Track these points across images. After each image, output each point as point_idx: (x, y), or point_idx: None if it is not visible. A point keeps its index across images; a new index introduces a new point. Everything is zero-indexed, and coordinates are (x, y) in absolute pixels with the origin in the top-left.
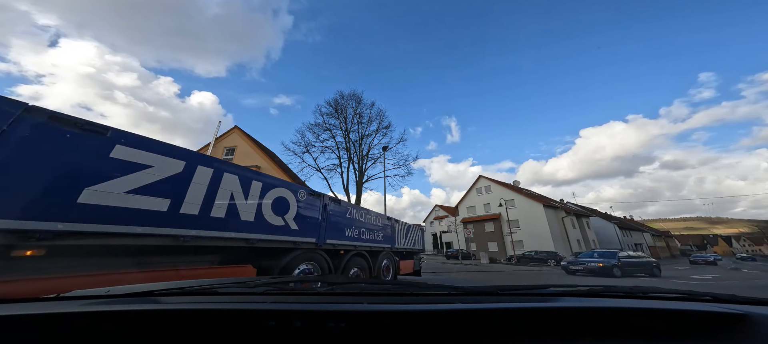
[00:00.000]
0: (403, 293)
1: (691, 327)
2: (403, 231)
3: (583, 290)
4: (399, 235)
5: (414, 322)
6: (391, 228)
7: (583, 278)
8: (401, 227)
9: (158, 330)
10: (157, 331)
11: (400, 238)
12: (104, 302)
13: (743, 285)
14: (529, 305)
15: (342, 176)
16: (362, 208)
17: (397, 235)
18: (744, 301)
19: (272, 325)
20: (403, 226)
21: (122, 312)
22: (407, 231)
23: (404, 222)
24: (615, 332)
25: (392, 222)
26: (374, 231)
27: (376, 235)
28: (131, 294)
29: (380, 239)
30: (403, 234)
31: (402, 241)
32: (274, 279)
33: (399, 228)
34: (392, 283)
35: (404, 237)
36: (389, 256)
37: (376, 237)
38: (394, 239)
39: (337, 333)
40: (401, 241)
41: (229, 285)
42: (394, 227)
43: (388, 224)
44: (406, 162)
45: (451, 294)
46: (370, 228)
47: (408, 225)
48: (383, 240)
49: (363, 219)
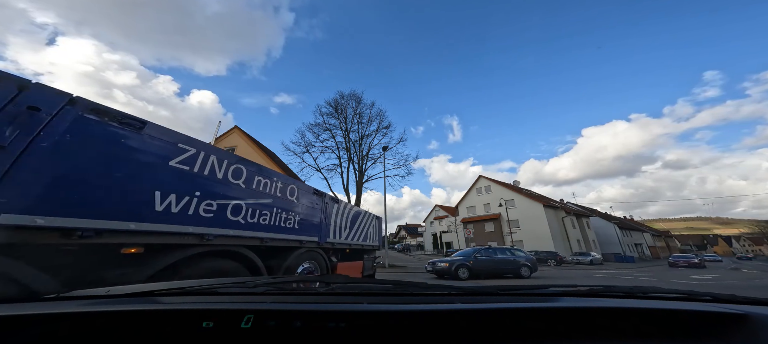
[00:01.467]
0: (403, 293)
1: (692, 327)
2: (344, 219)
3: (583, 290)
4: (337, 224)
5: (414, 322)
6: (323, 211)
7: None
8: (343, 212)
9: (158, 330)
10: (157, 331)
11: (340, 228)
12: (104, 302)
13: (743, 285)
14: (529, 305)
15: (342, 176)
16: (249, 165)
17: (334, 224)
18: (744, 301)
19: (272, 325)
20: (346, 211)
21: (122, 312)
22: (353, 220)
23: (349, 205)
24: (615, 332)
25: (324, 203)
26: (282, 213)
27: (285, 218)
28: (131, 294)
29: (292, 227)
30: (346, 224)
31: (343, 233)
32: (274, 279)
33: (338, 213)
34: (393, 283)
35: (347, 228)
36: (315, 255)
37: (284, 223)
38: (327, 229)
39: (337, 333)
40: (341, 233)
41: (229, 285)
42: (328, 211)
43: (317, 205)
44: (406, 162)
45: (451, 294)
46: (271, 206)
47: (356, 210)
48: (301, 230)
49: (252, 186)
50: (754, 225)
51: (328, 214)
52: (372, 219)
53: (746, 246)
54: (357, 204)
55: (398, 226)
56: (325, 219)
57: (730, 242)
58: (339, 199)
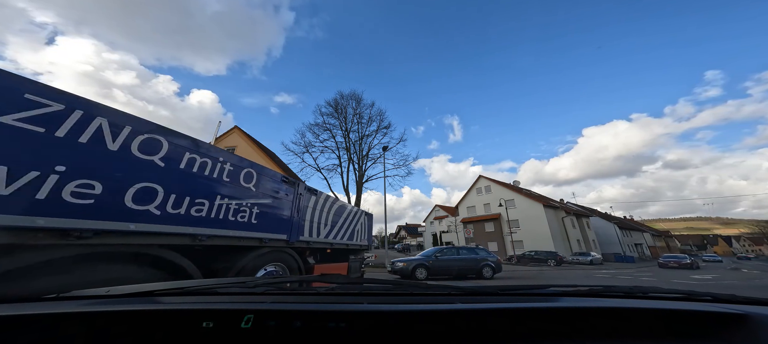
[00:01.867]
0: (403, 293)
1: (691, 327)
2: (325, 214)
3: (583, 290)
4: (315, 220)
5: (414, 322)
6: (295, 204)
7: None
8: (323, 206)
9: (158, 330)
10: (158, 331)
11: (319, 225)
12: (104, 302)
13: (743, 285)
14: (529, 305)
15: (342, 176)
16: (177, 138)
17: (311, 219)
18: (744, 301)
19: (272, 325)
20: (328, 205)
21: (122, 312)
22: (337, 215)
23: (332, 198)
24: (615, 332)
25: (297, 194)
26: (232, 203)
27: (236, 211)
28: (131, 294)
29: (247, 221)
30: (327, 220)
31: (323, 230)
32: (274, 279)
33: (317, 207)
34: (393, 283)
35: (328, 225)
36: (283, 256)
37: (235, 216)
38: (299, 225)
39: (337, 333)
40: (321, 230)
41: (229, 285)
42: (303, 204)
43: (287, 196)
44: (406, 162)
45: (451, 294)
46: (212, 193)
47: (340, 204)
48: (261, 225)
49: (179, 165)
50: (754, 225)
51: (303, 208)
52: (361, 215)
53: (746, 246)
54: (357, 204)
55: (398, 226)
56: (298, 213)
57: (730, 242)
58: (318, 191)
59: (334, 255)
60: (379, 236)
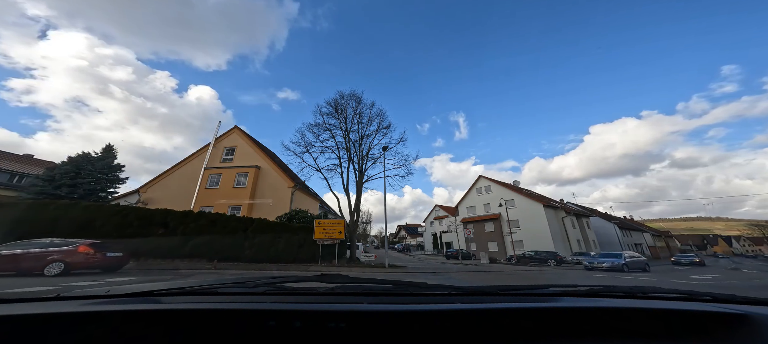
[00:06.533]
0: (403, 293)
1: (691, 327)
2: None
3: (583, 290)
4: None
5: (414, 322)
6: None
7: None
8: None
9: (158, 330)
10: (157, 331)
11: None
12: (104, 302)
13: (743, 285)
14: (529, 305)
15: (342, 176)
16: None
17: None
18: (744, 301)
19: (272, 325)
20: None
21: (122, 312)
22: None
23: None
24: (615, 332)
25: None
26: None
27: None
28: (131, 294)
29: None
30: None
31: None
32: (274, 279)
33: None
34: (393, 283)
35: None
36: None
37: None
38: None
39: (337, 333)
40: None
41: (229, 285)
42: None
43: None
44: (406, 162)
45: (451, 294)
46: None
47: None
48: None
49: None
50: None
51: None
52: None
53: (746, 245)
54: (357, 204)
55: (398, 226)
56: None
57: (730, 242)
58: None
59: None
60: (380, 236)
